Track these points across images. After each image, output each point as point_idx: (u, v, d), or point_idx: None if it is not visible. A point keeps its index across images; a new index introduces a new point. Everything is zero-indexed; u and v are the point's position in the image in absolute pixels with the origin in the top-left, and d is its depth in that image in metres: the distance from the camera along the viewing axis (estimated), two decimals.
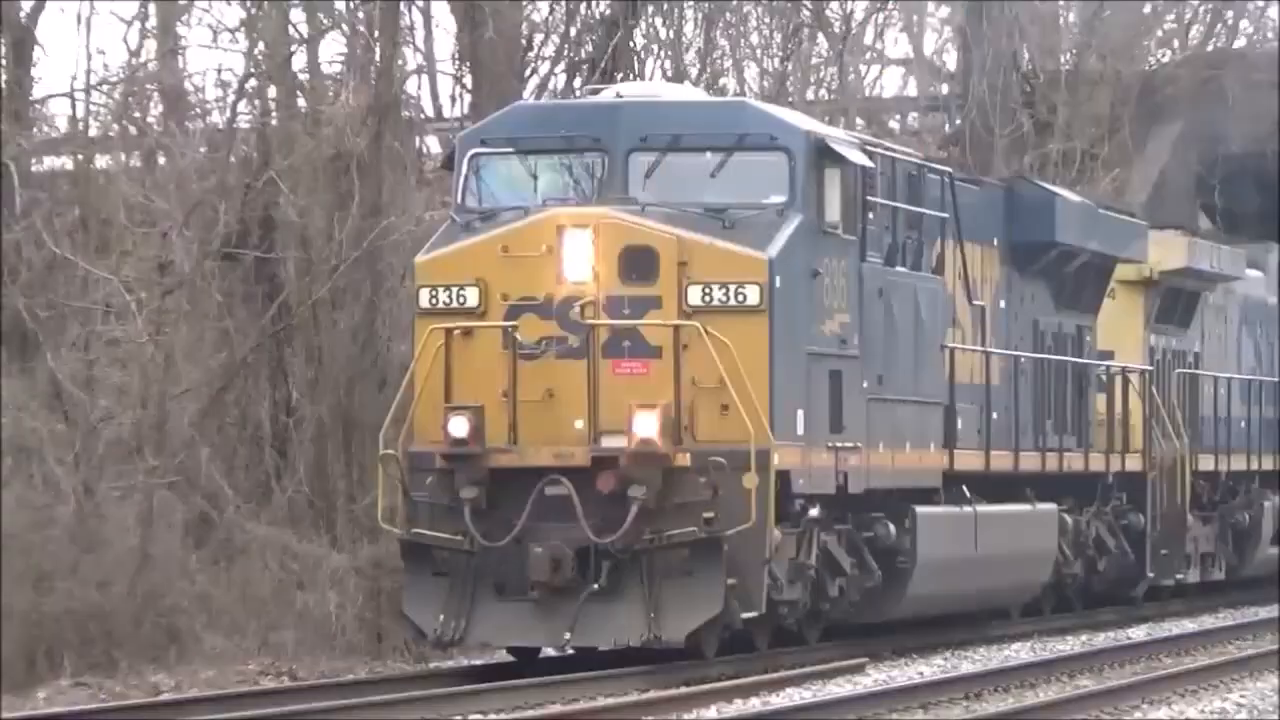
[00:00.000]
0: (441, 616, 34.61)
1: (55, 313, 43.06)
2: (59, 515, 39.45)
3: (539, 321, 34.63)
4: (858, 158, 36.89)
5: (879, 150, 39.26)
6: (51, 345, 42.67)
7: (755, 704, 33.00)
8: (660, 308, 34.52)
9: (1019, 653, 40.10)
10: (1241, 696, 33.79)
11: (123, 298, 42.42)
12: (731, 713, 32.34)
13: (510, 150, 36.78)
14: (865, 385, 36.64)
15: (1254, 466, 51.84)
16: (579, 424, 34.45)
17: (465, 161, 36.89)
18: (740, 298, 34.32)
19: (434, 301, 35.14)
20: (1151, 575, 46.76)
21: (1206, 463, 49.10)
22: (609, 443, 34.29)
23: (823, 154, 36.05)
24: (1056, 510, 42.53)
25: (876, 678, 36.31)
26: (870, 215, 37.21)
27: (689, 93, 41.61)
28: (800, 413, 35.13)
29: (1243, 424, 51.57)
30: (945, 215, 39.85)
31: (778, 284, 34.57)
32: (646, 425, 33.80)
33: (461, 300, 34.80)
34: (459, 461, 34.37)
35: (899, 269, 38.17)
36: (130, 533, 39.63)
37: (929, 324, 38.99)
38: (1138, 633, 43.70)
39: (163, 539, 39.68)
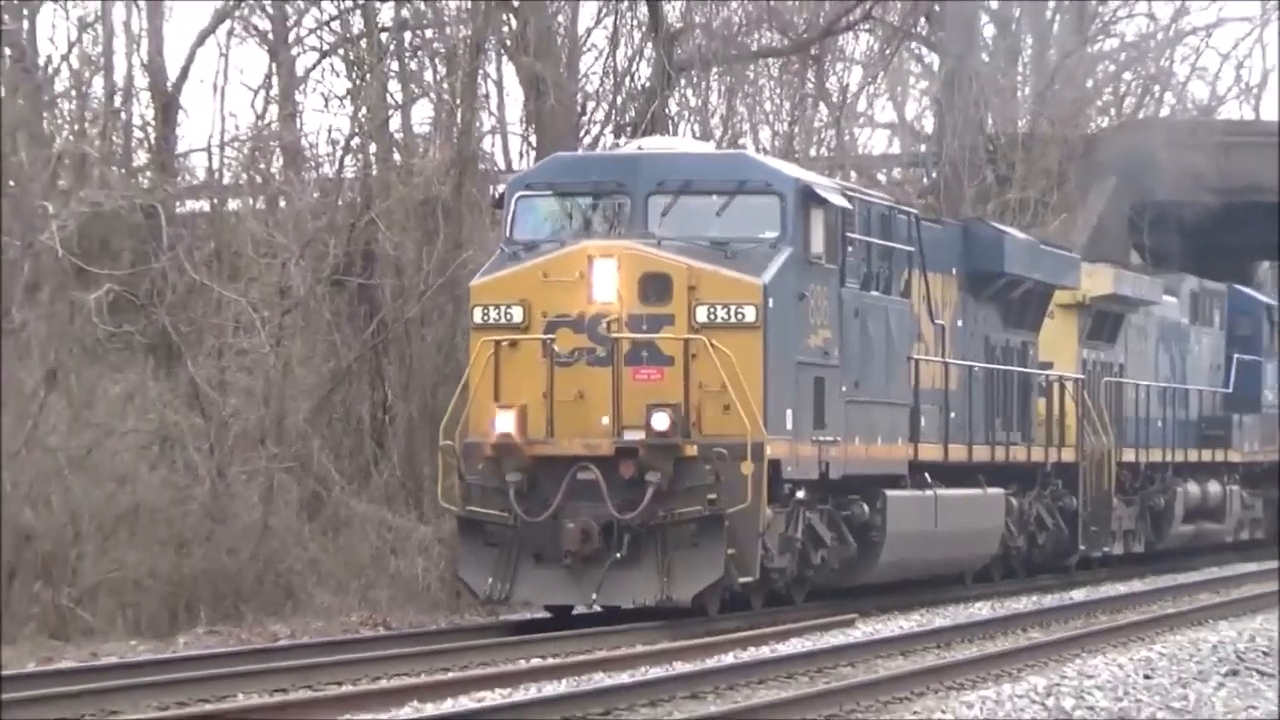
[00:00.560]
0: (490, 579, 34.51)
1: (194, 328, 43.01)
2: (196, 494, 39.62)
3: (572, 335, 34.51)
4: (838, 200, 36.88)
5: (856, 194, 39.22)
6: (191, 355, 42.61)
7: (765, 651, 32.66)
8: (673, 324, 34.37)
9: (980, 610, 39.92)
10: (1163, 648, 33.48)
11: (249, 316, 42.34)
12: (747, 658, 32.05)
13: (549, 193, 36.69)
14: (844, 389, 36.50)
15: (1168, 459, 51.78)
16: (605, 420, 34.30)
17: (513, 202, 36.84)
18: (739, 316, 34.17)
19: (486, 318, 35.09)
20: (1083, 548, 46.71)
21: (1129, 455, 49.09)
22: (630, 436, 34.04)
23: (809, 197, 35.92)
24: (1004, 494, 42.40)
25: (865, 630, 36.09)
26: (849, 248, 37.02)
27: (698, 146, 41.37)
28: (789, 412, 35.31)
29: (1159, 424, 51.53)
30: (911, 249, 39.67)
31: (770, 305, 34.65)
32: (661, 421, 33.72)
33: (508, 317, 34.77)
34: (505, 451, 34.11)
35: (873, 293, 37.95)
36: (254, 508, 39.71)
37: (897, 339, 38.87)
38: (1077, 595, 43.44)
39: (281, 513, 39.78)
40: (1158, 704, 27.32)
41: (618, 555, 33.84)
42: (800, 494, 35.50)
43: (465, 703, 26.71)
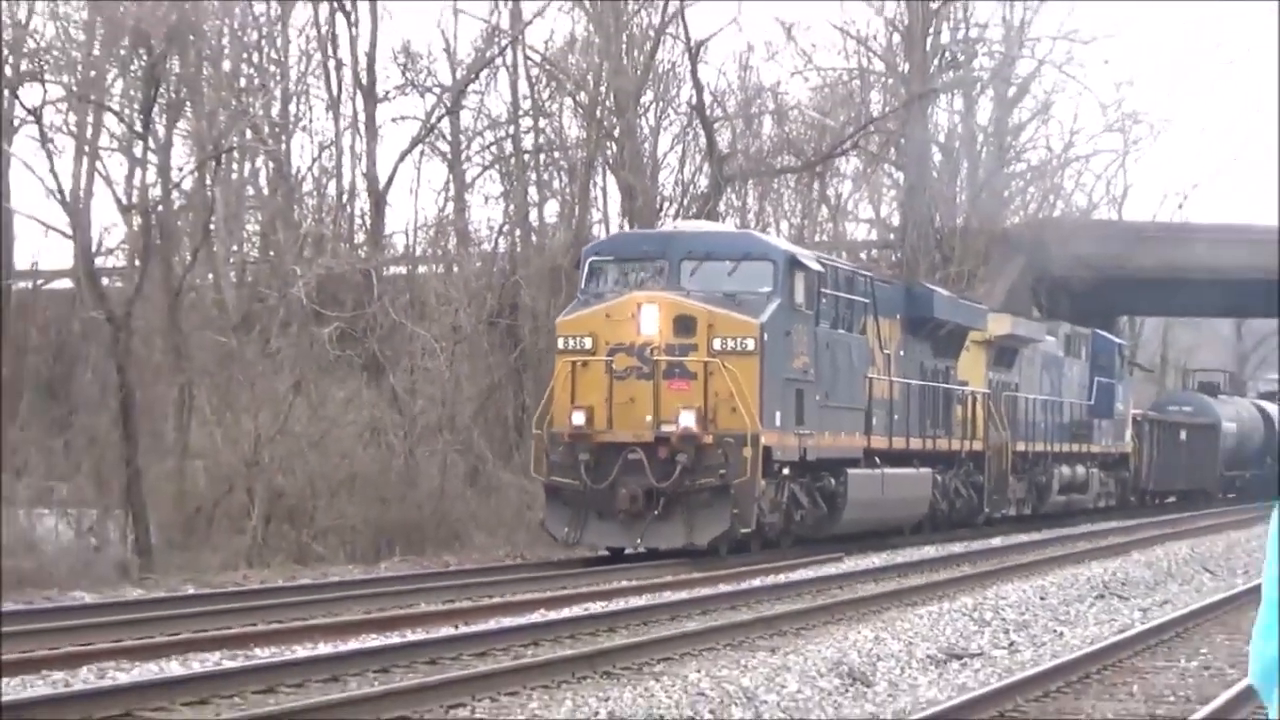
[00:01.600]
0: (566, 529, 34.27)
1: (394, 353, 42.92)
2: (394, 466, 39.61)
3: (626, 357, 34.12)
4: (814, 266, 36.76)
5: (828, 262, 39.10)
6: (392, 371, 42.63)
7: (782, 577, 32.51)
8: (696, 351, 33.92)
9: (928, 551, 39.58)
10: (1053, 579, 33.33)
11: (432, 345, 42.24)
12: (769, 581, 31.95)
13: (612, 258, 36.57)
14: (817, 398, 36.22)
15: (1048, 449, 51.56)
16: (648, 418, 33.96)
17: (586, 264, 36.74)
18: (743, 346, 34.00)
19: (566, 345, 34.64)
20: (987, 510, 46.51)
21: (1021, 446, 48.87)
22: (665, 429, 33.55)
23: (793, 264, 35.78)
24: (931, 472, 42.15)
25: (850, 564, 35.85)
26: (822, 300, 36.71)
27: (716, 226, 41.30)
28: (778, 413, 34.60)
29: (1042, 425, 51.35)
30: (867, 300, 39.48)
31: (765, 338, 33.93)
32: (687, 419, 33.47)
33: (582, 345, 34.41)
34: (578, 438, 33.77)
35: (839, 331, 37.73)
36: (433, 478, 39.63)
37: (857, 363, 38.63)
38: (995, 541, 43.04)
39: (451, 481, 39.67)
40: (1049, 616, 27.22)
41: (655, 512, 33.55)
42: (785, 471, 35.23)
43: (576, 610, 26.62)
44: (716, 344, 33.98)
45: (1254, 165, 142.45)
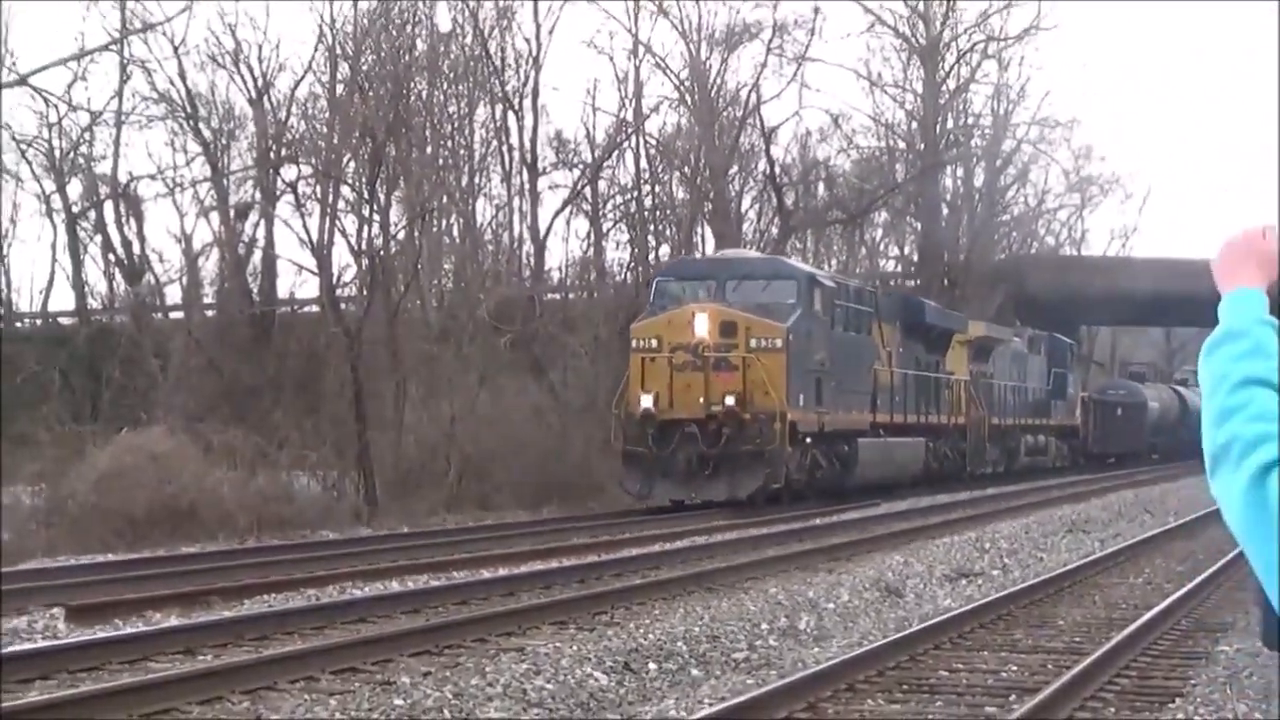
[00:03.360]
0: (639, 486, 33.86)
1: (551, 356, 42.96)
2: (551, 439, 39.09)
3: (684, 354, 33.06)
4: (829, 283, 36.25)
5: (842, 281, 38.58)
6: (550, 369, 42.46)
7: (825, 519, 32.13)
8: (737, 349, 33.03)
9: (940, 499, 39.06)
10: (1034, 518, 33.03)
11: (579, 351, 41.98)
12: (818, 521, 31.52)
13: (674, 278, 36.06)
14: (833, 384, 35.44)
15: (1016, 423, 50.99)
16: (700, 400, 33.15)
17: (655, 283, 36.37)
18: (773, 344, 33.33)
19: (638, 345, 33.89)
20: (970, 469, 45.88)
21: (995, 420, 48.25)
22: (714, 408, 32.75)
23: (813, 282, 35.27)
24: (924, 440, 41.36)
25: (885, 508, 35.45)
26: (836, 309, 36.04)
27: (753, 254, 40.63)
28: (801, 395, 33.88)
29: (1011, 404, 50.85)
30: (872, 309, 38.81)
31: (791, 339, 33.61)
32: (731, 400, 32.74)
33: (650, 345, 33.83)
34: (647, 417, 33.09)
35: (850, 333, 36.97)
36: (580, 447, 39.18)
37: (865, 358, 37.91)
38: (989, 491, 42.55)
39: (593, 449, 39.09)
40: (1032, 546, 26.89)
41: (706, 473, 32.88)
42: (808, 440, 34.44)
43: (684, 543, 26.44)
44: (753, 343, 33.27)
45: (1178, 210, 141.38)
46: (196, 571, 20.87)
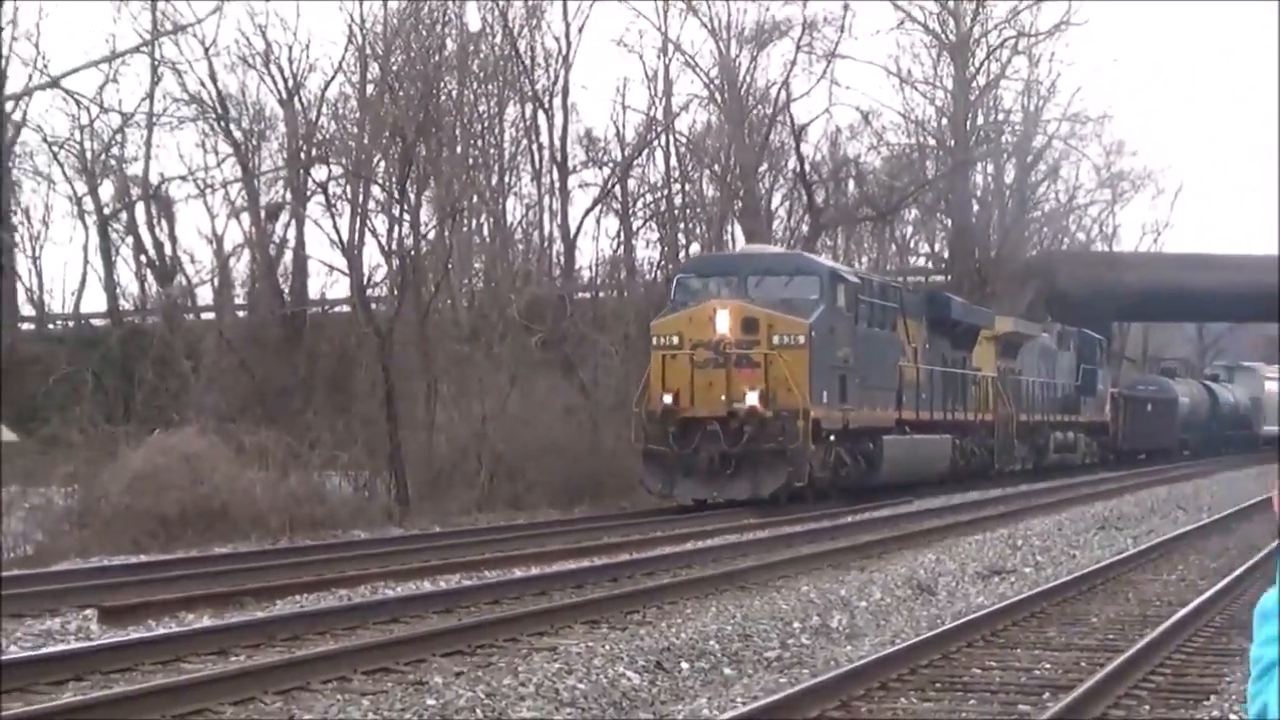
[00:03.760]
0: (659, 484, 33.45)
1: (582, 355, 42.91)
2: (582, 437, 39.12)
3: (705, 351, 32.79)
4: (853, 279, 35.76)
5: (866, 277, 38.08)
6: (581, 368, 42.44)
7: (851, 518, 31.81)
8: (759, 345, 32.45)
9: (971, 495, 38.97)
10: (1066, 515, 33.04)
11: (609, 349, 42.01)
12: (847, 520, 31.38)
13: (694, 274, 35.64)
14: (857, 381, 34.92)
15: (1044, 419, 50.61)
16: (723, 397, 32.82)
17: (675, 279, 35.89)
18: (796, 340, 32.87)
19: (658, 342, 33.46)
20: (998, 467, 45.48)
21: (1023, 417, 47.85)
22: (735, 406, 32.34)
23: (835, 277, 34.84)
24: (950, 437, 40.71)
25: (918, 505, 35.36)
26: (861, 305, 35.43)
27: (774, 249, 40.18)
28: (825, 392, 33.30)
29: (1039, 400, 50.41)
30: (896, 305, 38.29)
31: (813, 335, 32.95)
32: (753, 398, 32.32)
33: (671, 341, 33.42)
34: (668, 414, 32.57)
35: (875, 329, 36.36)
36: (611, 445, 39.08)
37: (891, 354, 37.39)
38: (1021, 488, 42.33)
39: (624, 448, 38.83)
40: (1065, 543, 26.82)
41: (728, 471, 32.48)
42: (832, 438, 33.99)
43: (716, 540, 26.41)
44: (775, 340, 32.83)
45: (1210, 207, 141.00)
46: (229, 572, 20.90)
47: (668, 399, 32.77)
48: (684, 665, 14.15)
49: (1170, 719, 12.19)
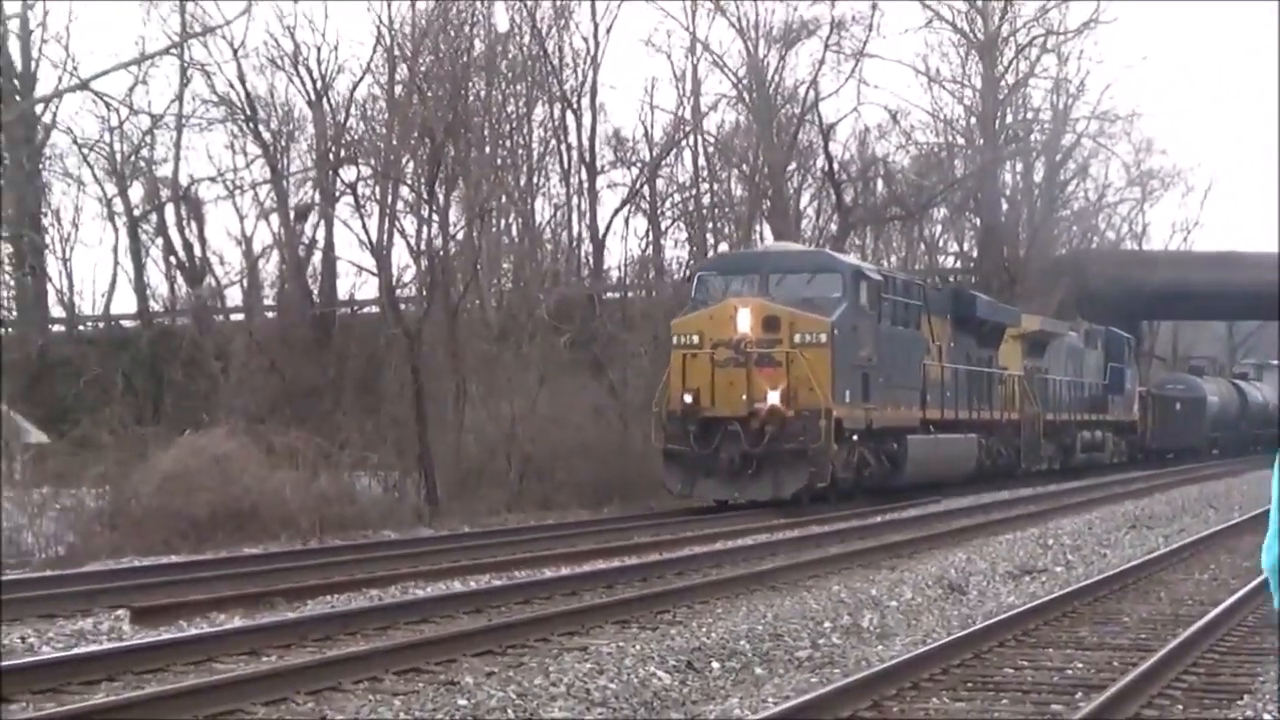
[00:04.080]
0: (680, 484, 33.04)
1: (611, 355, 42.87)
2: (612, 438, 39.05)
3: (726, 350, 32.31)
4: (875, 276, 35.28)
5: (889, 274, 37.62)
6: (610, 368, 42.43)
7: (880, 518, 31.69)
8: (780, 344, 31.99)
9: (1001, 495, 38.82)
10: (1096, 515, 32.90)
11: (638, 350, 41.96)
12: (876, 519, 31.21)
13: (715, 272, 35.13)
14: (881, 380, 34.38)
15: (1070, 419, 50.26)
16: (743, 397, 32.48)
17: (696, 277, 35.51)
18: (818, 339, 32.39)
19: (678, 341, 32.71)
20: (1024, 467, 45.10)
21: (1050, 416, 47.45)
22: (756, 405, 31.77)
23: (858, 275, 34.37)
24: (976, 437, 40.14)
25: (946, 504, 35.26)
26: (884, 302, 34.98)
27: (796, 246, 39.59)
28: (847, 391, 32.86)
29: (1066, 399, 50.02)
30: (921, 303, 37.91)
31: (835, 333, 32.42)
32: (774, 398, 31.91)
33: (692, 340, 32.83)
34: (688, 414, 32.09)
35: (898, 328, 35.98)
36: (640, 445, 38.82)
37: (915, 353, 36.95)
38: (1050, 488, 42.21)
39: (653, 447, 38.72)
40: (1095, 542, 26.75)
41: (749, 471, 32.13)
42: (855, 437, 33.54)
43: (746, 540, 26.37)
44: (796, 338, 32.43)
45: (1241, 203, 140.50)
46: (259, 573, 20.93)
47: (688, 398, 32.54)
48: (715, 665, 14.14)
49: (1204, 719, 12.15)
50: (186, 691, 12.15)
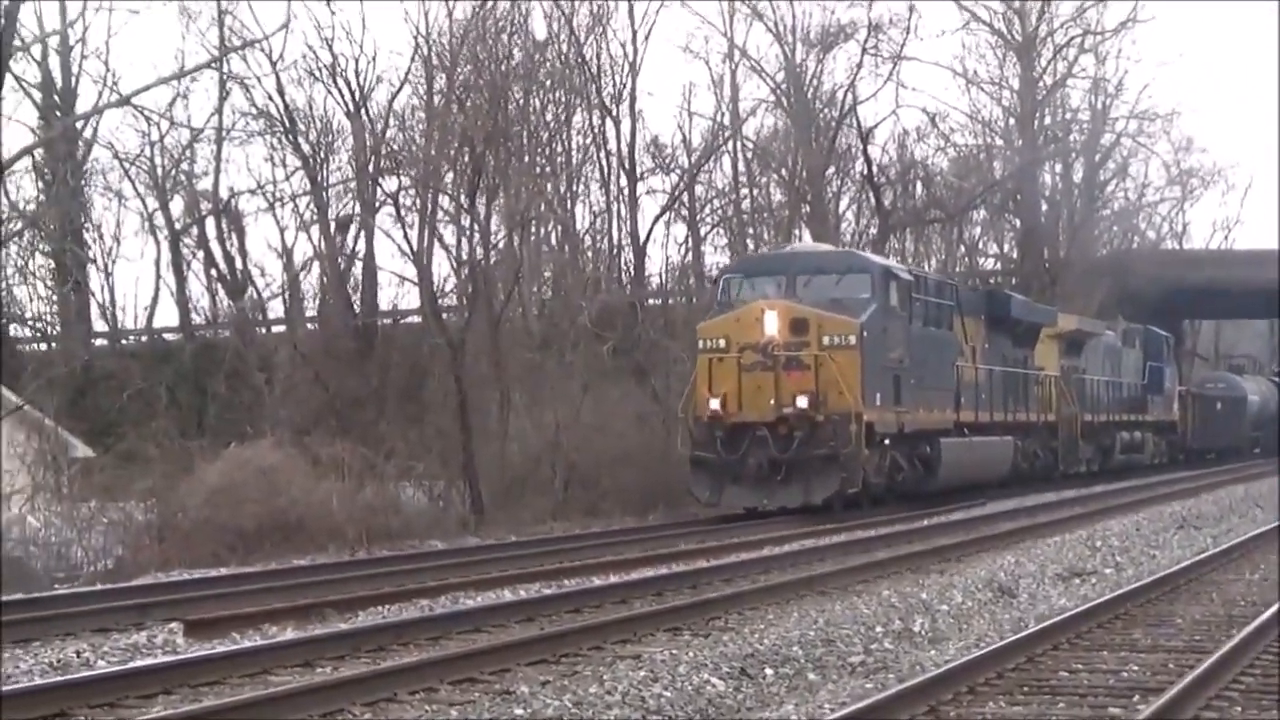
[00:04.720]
0: (707, 492, 32.35)
1: (653, 362, 42.81)
2: (655, 444, 38.79)
3: (753, 354, 31.52)
4: (905, 276, 34.84)
5: (920, 274, 37.23)
6: (653, 375, 42.37)
7: (925, 522, 31.59)
8: (809, 347, 31.44)
9: (1047, 496, 38.57)
10: (1144, 516, 32.89)
11: (681, 356, 41.84)
12: (922, 523, 31.27)
13: (741, 275, 34.56)
14: (912, 382, 33.86)
15: (1109, 419, 49.80)
16: (771, 401, 31.91)
17: (723, 281, 34.95)
18: (847, 341, 31.77)
19: (705, 345, 32.62)
20: (1062, 469, 44.54)
21: (1088, 417, 46.95)
22: (785, 410, 31.12)
23: (888, 274, 33.96)
24: (1012, 439, 39.51)
25: (992, 507, 35.01)
26: (915, 303, 34.46)
27: (824, 246, 38.89)
28: (878, 394, 32.42)
29: (1104, 400, 49.56)
30: (953, 303, 37.24)
31: (865, 335, 31.87)
32: (803, 402, 31.23)
33: (718, 344, 32.47)
34: (715, 419, 31.47)
35: (930, 328, 35.49)
36: (675, 448, 38.82)
37: (948, 354, 36.45)
38: (1096, 489, 41.96)
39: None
40: (1144, 543, 26.64)
41: (778, 478, 31.58)
42: (886, 441, 33.00)
43: (794, 546, 26.28)
44: (825, 340, 31.87)
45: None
46: (309, 584, 20.96)
47: (714, 404, 32.04)
48: (768, 671, 14.12)
49: None
50: (244, 704, 12.18)
